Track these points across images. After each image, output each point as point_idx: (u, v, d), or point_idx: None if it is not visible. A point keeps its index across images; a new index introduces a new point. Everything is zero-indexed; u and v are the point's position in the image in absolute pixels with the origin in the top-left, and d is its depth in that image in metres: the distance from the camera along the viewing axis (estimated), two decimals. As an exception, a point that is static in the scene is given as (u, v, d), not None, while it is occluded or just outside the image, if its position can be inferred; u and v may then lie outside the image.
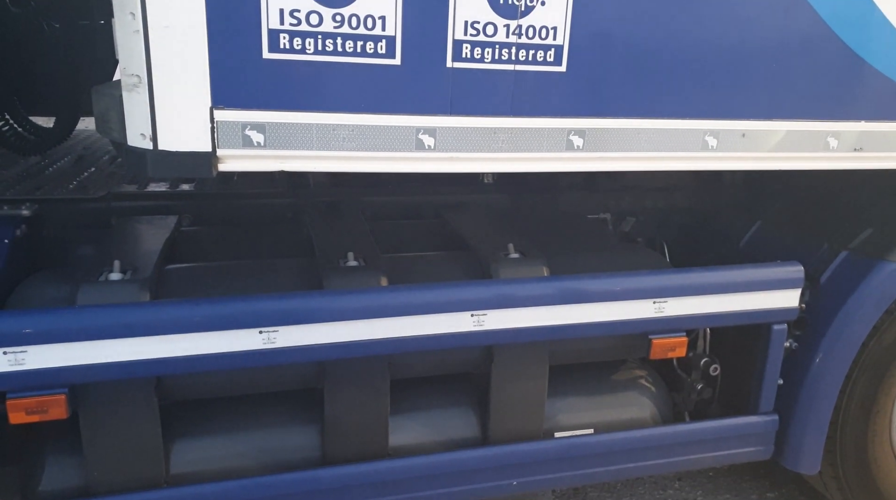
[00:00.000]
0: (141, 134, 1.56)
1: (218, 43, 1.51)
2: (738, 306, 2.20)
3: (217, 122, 1.56)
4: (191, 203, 2.53)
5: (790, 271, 2.26)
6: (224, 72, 1.53)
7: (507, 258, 2.13)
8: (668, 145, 1.87)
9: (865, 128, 2.02)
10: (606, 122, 1.80)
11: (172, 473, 1.94)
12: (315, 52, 1.57)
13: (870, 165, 2.09)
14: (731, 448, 2.40)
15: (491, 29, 1.65)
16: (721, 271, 2.22)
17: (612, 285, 2.07)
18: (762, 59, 1.87)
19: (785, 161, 2.00)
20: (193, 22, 1.49)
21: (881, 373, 2.40)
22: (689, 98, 1.86)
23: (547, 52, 1.70)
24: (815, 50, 1.90)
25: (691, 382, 2.44)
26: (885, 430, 2.49)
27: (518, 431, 2.19)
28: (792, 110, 1.94)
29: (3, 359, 1.63)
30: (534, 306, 2.00)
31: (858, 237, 2.36)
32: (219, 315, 1.78)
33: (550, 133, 1.76)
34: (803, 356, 2.35)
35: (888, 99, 2.01)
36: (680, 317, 2.14)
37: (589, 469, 2.26)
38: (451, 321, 1.93)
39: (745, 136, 1.92)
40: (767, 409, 2.39)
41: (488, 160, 1.76)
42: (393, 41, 1.60)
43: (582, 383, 2.39)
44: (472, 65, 1.66)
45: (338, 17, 1.56)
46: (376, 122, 1.64)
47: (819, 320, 2.32)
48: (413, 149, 1.69)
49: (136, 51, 1.50)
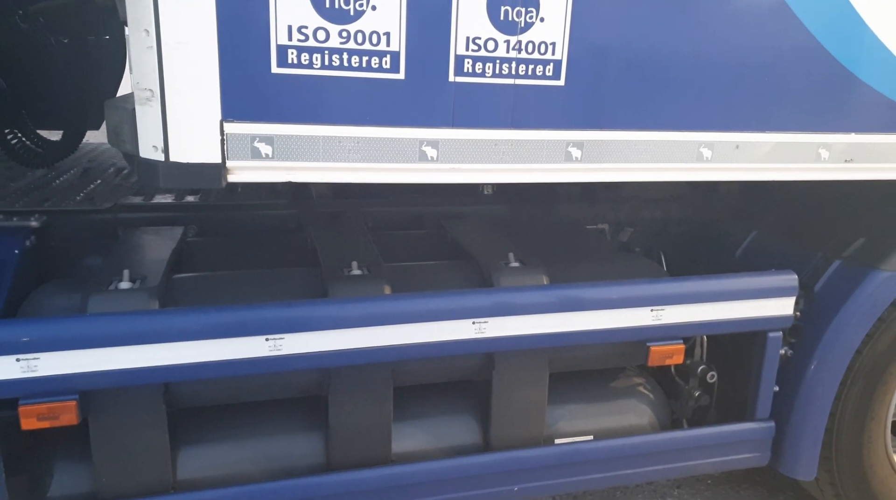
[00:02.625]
0: (153, 146, 1.61)
1: (228, 58, 1.56)
2: (734, 314, 2.24)
3: (227, 134, 1.60)
4: (196, 214, 2.57)
5: (784, 280, 2.30)
6: (234, 86, 1.58)
7: (507, 267, 2.18)
8: (664, 157, 1.92)
9: (855, 140, 2.07)
10: (604, 134, 1.85)
11: (179, 479, 1.97)
12: (322, 67, 1.62)
13: (860, 175, 2.14)
14: (729, 455, 2.44)
15: (492, 44, 1.70)
16: (717, 280, 2.27)
17: (611, 293, 2.12)
18: (754, 74, 1.93)
19: (777, 172, 2.05)
20: (205, 38, 1.54)
21: (875, 380, 2.44)
22: (684, 111, 1.91)
23: (546, 67, 1.75)
24: (805, 65, 1.96)
25: (689, 389, 2.47)
26: (880, 436, 2.53)
27: (519, 437, 2.23)
28: (784, 123, 2.00)
29: (17, 366, 1.66)
30: (534, 314, 2.04)
31: (851, 247, 2.41)
32: (226, 323, 1.82)
33: (549, 145, 1.81)
34: (798, 364, 2.39)
35: (877, 111, 2.06)
36: (677, 325, 2.18)
37: (588, 475, 2.29)
38: (453, 329, 1.97)
39: (739, 147, 1.97)
40: (764, 416, 2.42)
41: (489, 171, 1.81)
42: (397, 56, 1.65)
43: (581, 390, 2.43)
44: (474, 79, 1.71)
45: (344, 33, 1.61)
46: (381, 134, 1.69)
47: (813, 327, 2.37)
48: (416, 160, 1.73)
49: (149, 66, 1.55)
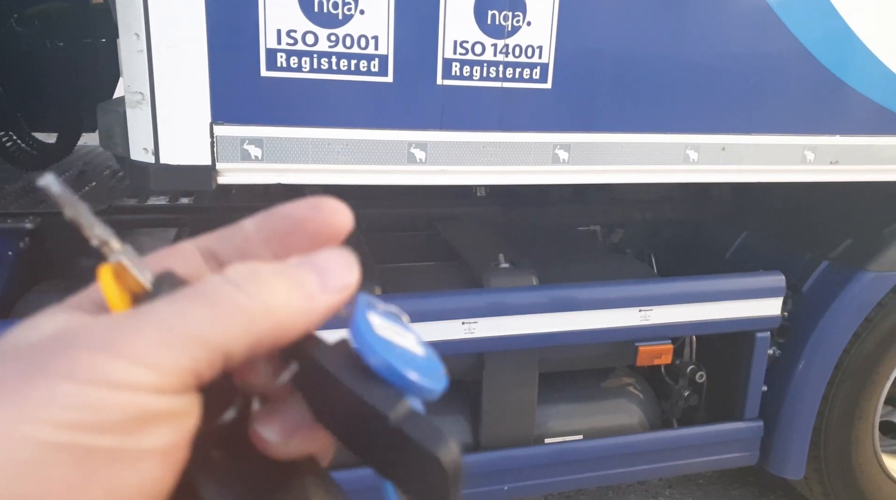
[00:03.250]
0: (143, 148, 1.63)
1: (218, 62, 1.58)
2: (722, 315, 2.26)
3: (216, 137, 1.62)
4: (190, 216, 2.59)
5: (772, 281, 2.33)
6: (223, 89, 1.60)
7: (497, 268, 2.20)
8: (651, 159, 1.94)
9: (840, 142, 2.09)
10: (591, 136, 1.87)
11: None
12: (311, 71, 1.64)
13: (846, 177, 2.16)
14: (718, 454, 2.46)
15: (479, 48, 1.73)
16: (704, 281, 2.29)
17: (599, 293, 2.14)
18: (740, 77, 1.95)
19: (764, 174, 2.08)
20: (195, 42, 1.56)
21: (863, 380, 2.47)
22: (670, 113, 1.93)
23: (533, 70, 1.77)
24: (790, 68, 1.98)
25: (678, 389, 2.50)
26: (867, 436, 2.55)
27: (509, 437, 2.25)
28: (769, 125, 2.02)
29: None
30: (523, 314, 2.06)
31: (838, 248, 2.43)
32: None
33: (537, 147, 1.83)
34: (786, 363, 2.41)
35: (862, 114, 2.09)
36: (665, 325, 2.20)
37: (579, 475, 2.31)
38: (442, 329, 1.99)
39: (725, 149, 2.00)
40: (752, 415, 2.44)
41: (477, 173, 1.83)
42: (385, 60, 1.67)
43: (572, 390, 2.44)
44: (462, 82, 1.73)
45: (332, 37, 1.63)
46: (369, 136, 1.72)
47: (801, 328, 2.39)
48: (405, 162, 1.76)
49: (139, 69, 1.57)
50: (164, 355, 0.26)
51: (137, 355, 0.25)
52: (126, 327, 0.26)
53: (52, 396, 0.24)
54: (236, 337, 0.28)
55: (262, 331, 0.28)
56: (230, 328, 0.27)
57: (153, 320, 0.27)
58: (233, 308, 0.28)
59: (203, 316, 0.27)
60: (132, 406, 0.25)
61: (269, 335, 0.29)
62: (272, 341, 0.29)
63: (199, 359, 0.27)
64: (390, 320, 0.35)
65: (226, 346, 0.27)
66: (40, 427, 0.24)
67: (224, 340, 0.27)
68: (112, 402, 0.25)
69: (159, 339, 0.26)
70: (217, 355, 0.27)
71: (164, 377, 0.26)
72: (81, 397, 0.24)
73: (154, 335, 0.26)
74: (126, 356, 0.25)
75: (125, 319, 0.27)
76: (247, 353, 0.28)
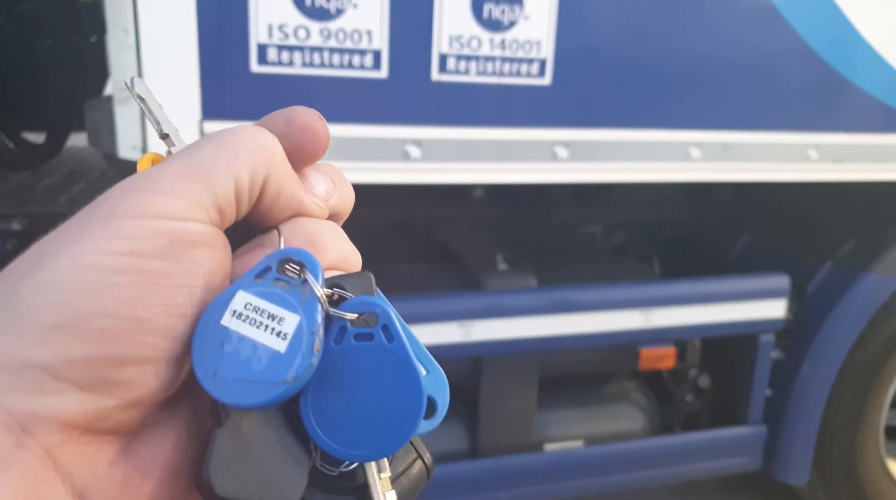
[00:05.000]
0: (132, 146, 1.58)
1: (207, 57, 1.53)
2: (725, 317, 2.22)
3: (206, 134, 1.57)
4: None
5: (775, 282, 2.28)
6: (213, 85, 1.55)
7: (495, 270, 2.15)
8: (653, 156, 1.90)
9: (845, 140, 2.05)
10: (591, 133, 1.83)
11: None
12: (303, 66, 1.59)
13: (850, 176, 2.12)
14: (721, 459, 2.41)
15: (475, 43, 1.68)
16: (707, 282, 2.24)
17: (600, 295, 2.09)
18: (743, 73, 1.91)
19: (767, 172, 2.03)
20: (184, 37, 1.51)
21: (867, 383, 2.42)
22: (673, 110, 1.89)
23: (531, 66, 1.73)
24: (794, 65, 1.94)
25: (681, 393, 2.45)
26: (872, 440, 2.50)
27: (508, 443, 2.20)
28: (773, 122, 1.98)
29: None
30: (520, 316, 2.01)
31: (842, 248, 2.39)
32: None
33: (535, 144, 1.79)
34: (790, 367, 2.36)
35: (866, 112, 2.05)
36: (667, 328, 2.16)
37: (580, 482, 2.26)
38: (438, 332, 1.94)
39: (728, 147, 1.95)
40: (756, 420, 2.40)
41: (474, 171, 1.78)
42: (379, 55, 1.62)
43: (572, 395, 2.40)
44: (458, 78, 1.69)
45: (325, 31, 1.58)
46: (363, 133, 1.67)
47: (805, 330, 2.35)
48: (400, 159, 1.71)
49: (128, 65, 1.53)
50: (186, 187, 0.32)
51: (170, 189, 0.32)
52: (156, 171, 0.33)
53: (110, 230, 0.31)
54: (239, 165, 0.34)
55: (259, 160, 0.34)
56: (234, 157, 0.34)
57: (175, 162, 0.34)
58: (234, 141, 0.34)
59: (211, 151, 0.34)
60: (172, 232, 0.31)
61: (262, 166, 0.34)
62: (265, 171, 0.35)
63: (214, 189, 0.33)
64: (278, 296, 0.33)
65: (232, 173, 0.33)
66: (103, 256, 0.30)
67: (229, 167, 0.33)
68: (156, 230, 0.31)
69: (180, 174, 0.33)
70: (228, 183, 0.33)
71: (192, 206, 0.32)
72: (133, 230, 0.31)
73: (177, 173, 0.33)
74: (162, 192, 0.32)
75: (156, 167, 0.34)
76: (249, 184, 0.34)
